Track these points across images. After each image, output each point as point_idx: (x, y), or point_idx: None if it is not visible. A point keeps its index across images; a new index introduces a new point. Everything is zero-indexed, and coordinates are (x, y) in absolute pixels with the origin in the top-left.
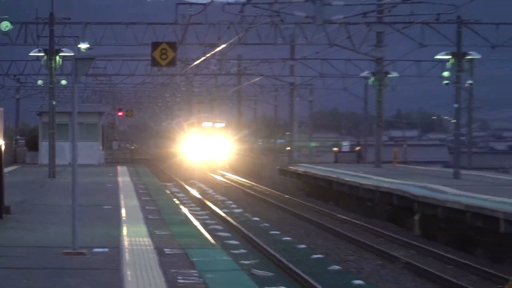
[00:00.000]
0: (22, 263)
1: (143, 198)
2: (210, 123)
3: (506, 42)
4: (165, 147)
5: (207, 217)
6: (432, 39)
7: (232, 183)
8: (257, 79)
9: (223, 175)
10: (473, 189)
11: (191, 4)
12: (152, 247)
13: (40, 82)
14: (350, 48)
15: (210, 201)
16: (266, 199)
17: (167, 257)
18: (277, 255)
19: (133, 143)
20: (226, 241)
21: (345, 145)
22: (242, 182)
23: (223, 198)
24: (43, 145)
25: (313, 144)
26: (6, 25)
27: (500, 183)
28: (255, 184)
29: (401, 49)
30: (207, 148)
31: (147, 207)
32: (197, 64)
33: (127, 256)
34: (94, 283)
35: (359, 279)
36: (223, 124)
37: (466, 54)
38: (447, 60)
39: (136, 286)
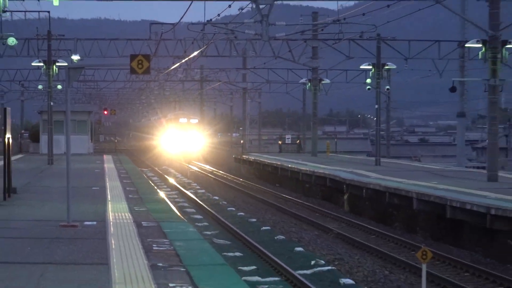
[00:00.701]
0: (26, 234)
1: (124, 181)
2: (186, 119)
3: (416, 55)
4: (144, 140)
5: (176, 196)
6: (357, 53)
7: (197, 169)
8: (216, 84)
9: (191, 163)
10: (391, 174)
11: (162, 24)
12: (131, 221)
13: (40, 86)
14: (291, 60)
15: (179, 184)
16: (224, 182)
17: (144, 229)
18: (234, 227)
19: (116, 136)
20: (192, 216)
21: (288, 138)
22: (205, 168)
23: (189, 181)
24: (43, 138)
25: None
26: (12, 41)
27: (413, 169)
28: (216, 170)
29: (332, 60)
30: (183, 140)
31: (127, 188)
32: (167, 72)
33: (111, 228)
34: (85, 250)
35: (300, 247)
36: (197, 120)
37: (384, 65)
38: (369, 70)
39: (119, 252)
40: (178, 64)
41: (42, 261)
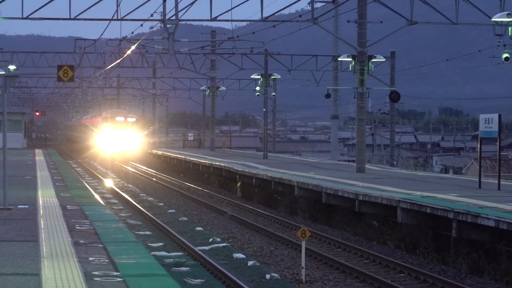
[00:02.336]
0: None
1: (53, 171)
2: (123, 118)
3: (298, 67)
4: (73, 138)
5: (96, 184)
6: (248, 65)
7: (116, 162)
8: (131, 90)
9: (113, 158)
10: (276, 166)
11: (85, 39)
12: (58, 205)
13: None
14: (193, 70)
15: (99, 174)
16: (137, 173)
17: (68, 211)
18: (144, 210)
19: (46, 134)
20: (109, 200)
21: (190, 135)
22: (122, 161)
23: (107, 171)
24: None
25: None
26: None
27: (294, 162)
28: (132, 162)
29: (227, 71)
30: (119, 140)
31: (55, 177)
32: (89, 80)
33: (41, 210)
34: (18, 228)
35: (200, 226)
36: (135, 119)
37: (271, 75)
38: (258, 79)
39: (47, 231)
40: (98, 73)
41: None
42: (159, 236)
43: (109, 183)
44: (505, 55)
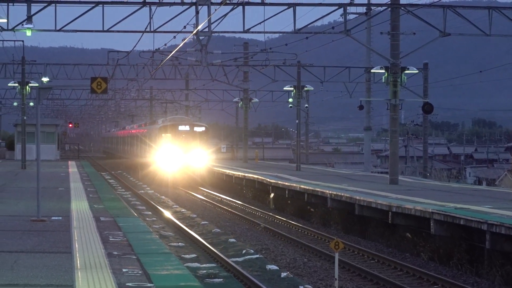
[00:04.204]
0: (1, 227)
1: (86, 183)
2: (188, 127)
3: (330, 79)
4: (113, 152)
5: (129, 195)
6: (281, 76)
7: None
8: (163, 102)
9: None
10: (309, 177)
11: (118, 52)
12: (91, 216)
13: (15, 103)
14: (226, 82)
15: (131, 185)
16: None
17: (102, 223)
18: (177, 222)
19: (79, 145)
20: (142, 212)
21: (223, 147)
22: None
23: (140, 183)
24: (18, 147)
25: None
26: None
27: (327, 173)
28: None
29: (260, 82)
30: (184, 156)
31: (88, 189)
32: (122, 92)
33: (74, 222)
34: (52, 240)
35: (233, 238)
36: (204, 128)
37: (303, 87)
38: (291, 91)
39: (81, 242)
40: (131, 85)
41: (15, 250)
42: (192, 248)
43: (141, 193)
44: None
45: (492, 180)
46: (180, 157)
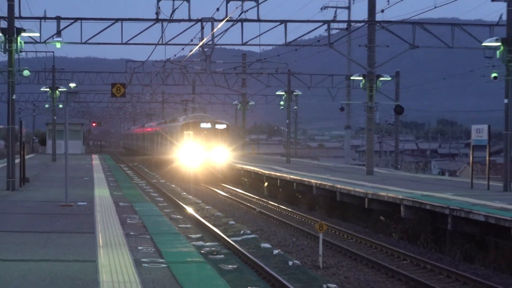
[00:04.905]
0: (35, 210)
1: (107, 173)
2: (209, 124)
3: (316, 85)
4: (135, 149)
5: (144, 184)
6: (274, 82)
7: (163, 163)
8: (175, 104)
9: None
10: (297, 169)
11: (134, 61)
12: (112, 202)
13: (47, 105)
14: (227, 87)
15: (146, 175)
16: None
17: (120, 208)
18: (187, 207)
19: (102, 141)
20: (155, 198)
21: None
22: (161, 160)
23: (154, 173)
24: (49, 142)
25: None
26: (26, 72)
27: (312, 166)
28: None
29: (256, 88)
30: (205, 153)
31: (109, 178)
32: (138, 95)
33: (97, 207)
34: (78, 222)
35: (232, 221)
36: (225, 126)
37: (293, 91)
38: (282, 95)
39: (102, 224)
40: (146, 90)
41: (47, 230)
42: (197, 229)
43: (154, 182)
44: (493, 74)
45: (454, 171)
46: (201, 153)
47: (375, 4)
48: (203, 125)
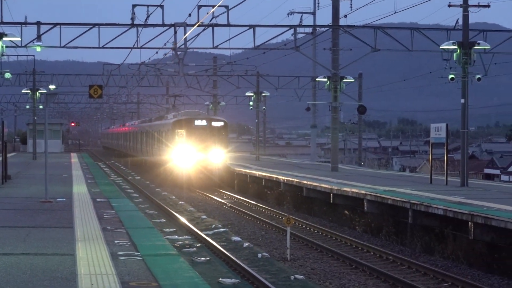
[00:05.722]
0: (16, 206)
1: (85, 171)
2: (205, 122)
3: (283, 86)
4: (116, 148)
5: (121, 181)
6: (244, 84)
7: (138, 162)
8: (149, 106)
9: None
10: (266, 166)
11: (111, 64)
12: (89, 198)
13: (27, 106)
14: (199, 89)
15: (122, 172)
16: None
17: (98, 203)
18: (160, 202)
19: (80, 140)
20: (131, 194)
21: None
22: (147, 161)
23: (129, 170)
24: (29, 141)
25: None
26: (8, 75)
27: (280, 163)
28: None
29: (226, 89)
30: (200, 153)
31: (87, 175)
32: (114, 97)
33: (75, 202)
34: (57, 217)
35: (204, 215)
36: (222, 123)
37: (262, 92)
38: (252, 96)
39: (80, 219)
40: (122, 92)
41: (28, 225)
42: (171, 223)
43: (129, 179)
44: (451, 76)
45: (414, 167)
46: (195, 153)
47: (338, 9)
48: (197, 122)
